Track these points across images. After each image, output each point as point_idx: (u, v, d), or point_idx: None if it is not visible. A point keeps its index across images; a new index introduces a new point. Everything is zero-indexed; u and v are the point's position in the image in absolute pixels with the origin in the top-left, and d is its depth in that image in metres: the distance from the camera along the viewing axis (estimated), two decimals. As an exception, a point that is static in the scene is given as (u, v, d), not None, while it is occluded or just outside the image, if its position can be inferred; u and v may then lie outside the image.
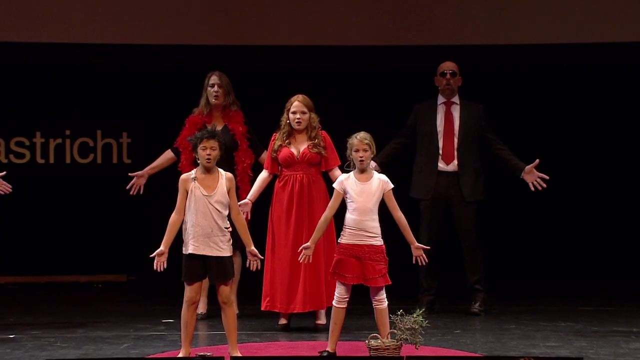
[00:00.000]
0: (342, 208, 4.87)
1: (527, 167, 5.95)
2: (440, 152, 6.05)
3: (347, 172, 4.91)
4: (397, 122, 6.30)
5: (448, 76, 6.11)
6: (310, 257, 4.84)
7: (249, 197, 5.58)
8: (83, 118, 7.68)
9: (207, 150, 4.67)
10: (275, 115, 5.68)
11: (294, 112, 5.52)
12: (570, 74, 7.65)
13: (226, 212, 4.70)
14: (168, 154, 6.03)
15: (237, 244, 4.93)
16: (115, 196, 7.13)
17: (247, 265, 4.80)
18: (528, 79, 7.72)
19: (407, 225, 4.80)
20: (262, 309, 5.54)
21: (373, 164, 5.82)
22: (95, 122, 7.68)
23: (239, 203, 5.37)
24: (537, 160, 5.92)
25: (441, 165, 6.05)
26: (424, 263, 4.83)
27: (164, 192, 5.36)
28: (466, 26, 7.28)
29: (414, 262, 4.84)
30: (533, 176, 5.94)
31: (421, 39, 7.25)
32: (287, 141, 5.53)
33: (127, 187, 6.01)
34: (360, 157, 4.79)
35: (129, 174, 6.04)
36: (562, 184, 7.19)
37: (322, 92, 6.15)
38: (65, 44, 7.24)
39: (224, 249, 4.67)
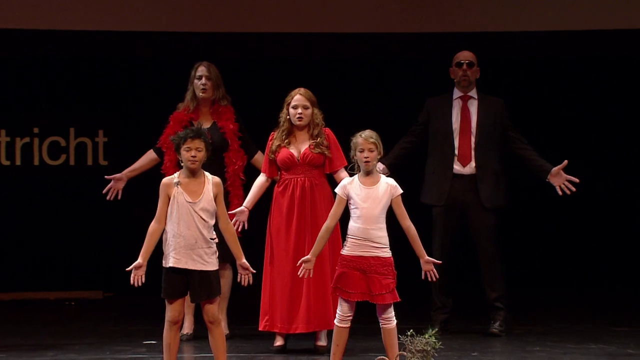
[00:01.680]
0: (346, 216, 4.90)
1: (554, 169, 5.98)
2: (456, 152, 6.07)
3: (352, 175, 4.95)
4: (407, 119, 6.34)
5: (464, 67, 6.14)
6: (311, 271, 4.88)
7: (245, 204, 5.60)
8: (53, 114, 7.71)
9: (192, 152, 4.68)
10: (270, 112, 5.73)
11: (294, 107, 5.55)
12: (599, 64, 7.67)
13: (212, 222, 4.72)
14: (150, 155, 6.05)
15: (228, 256, 4.96)
16: (90, 202, 7.18)
17: (239, 279, 4.83)
18: (550, 70, 7.74)
19: (417, 236, 4.83)
20: (260, 329, 5.55)
21: (381, 166, 5.89)
22: (67, 119, 7.71)
23: (233, 211, 5.42)
24: (566, 162, 5.93)
25: (457, 167, 6.07)
26: (434, 279, 4.86)
27: (146, 197, 5.38)
28: (482, 11, 7.32)
29: (423, 277, 4.87)
30: (561, 179, 5.96)
31: (433, 25, 7.29)
32: (286, 141, 5.56)
33: (104, 191, 6.03)
34: (366, 157, 4.82)
35: (106, 177, 6.06)
36: (592, 187, 7.21)
37: (324, 86, 6.18)
38: (33, 31, 7.22)
39: (209, 263, 4.68)
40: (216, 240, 4.74)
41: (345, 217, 4.90)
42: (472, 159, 6.05)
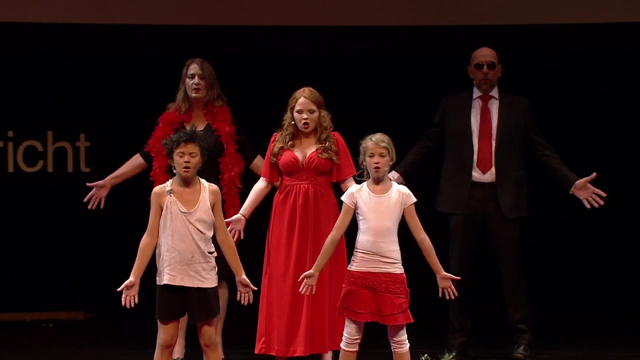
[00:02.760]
0: (354, 227, 4.95)
1: (579, 182, 6.00)
2: (475, 157, 6.10)
3: (360, 182, 4.99)
4: (422, 121, 6.37)
5: (485, 68, 6.16)
6: (314, 287, 4.91)
7: (241, 211, 5.63)
8: (29, 116, 7.70)
9: (185, 157, 4.73)
10: (271, 113, 5.76)
11: (299, 111, 5.59)
12: (631, 60, 7.68)
13: (210, 233, 4.77)
14: (136, 160, 6.09)
15: (224, 272, 5.00)
16: (71, 213, 7.20)
17: (238, 298, 4.87)
18: (578, 67, 7.71)
19: (432, 250, 4.86)
20: (256, 352, 5.56)
21: (395, 175, 5.94)
22: (45, 122, 7.70)
23: (228, 220, 5.47)
24: (594, 174, 5.96)
25: (476, 173, 6.09)
26: (452, 297, 4.89)
27: (133, 207, 5.44)
28: (504, 2, 7.35)
29: (440, 295, 4.90)
30: (587, 192, 5.98)
31: (448, 18, 7.29)
32: (290, 143, 5.62)
33: (85, 199, 6.06)
34: (376, 163, 4.86)
35: (87, 184, 6.09)
36: (623, 198, 7.25)
37: (330, 85, 6.20)
38: (2, 24, 7.21)
39: (208, 279, 4.73)
40: (215, 254, 4.80)
41: (352, 229, 4.95)
42: (492, 164, 6.08)
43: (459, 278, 4.98)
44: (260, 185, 5.69)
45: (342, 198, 4.98)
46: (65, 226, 7.59)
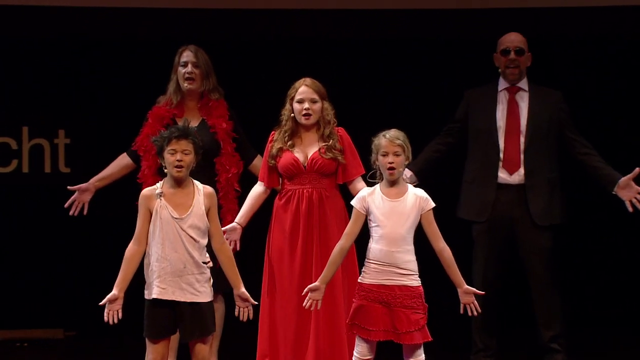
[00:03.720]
0: (364, 235, 4.99)
1: (622, 180, 6.01)
2: (501, 156, 6.13)
3: (372, 184, 5.03)
4: (442, 116, 6.39)
5: (512, 55, 6.19)
6: (319, 302, 4.96)
7: (237, 219, 5.67)
8: (1, 110, 7.63)
9: (178, 155, 4.76)
10: (273, 106, 5.76)
11: (300, 101, 5.63)
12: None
13: (204, 241, 4.81)
14: (123, 160, 6.11)
15: (220, 284, 5.04)
16: (49, 219, 7.20)
17: (236, 314, 4.91)
18: (621, 55, 7.67)
19: (453, 261, 4.90)
20: (258, 374, 5.59)
21: (408, 174, 5.96)
22: (19, 116, 7.65)
23: (223, 228, 5.49)
24: (637, 170, 5.99)
25: (502, 174, 6.13)
26: (475, 313, 4.93)
27: (119, 213, 5.45)
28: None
29: (461, 311, 4.95)
30: (631, 192, 5.99)
31: (471, 1, 7.33)
32: (289, 142, 5.64)
33: (66, 205, 6.09)
34: (390, 163, 4.90)
35: (68, 187, 6.10)
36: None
37: (336, 74, 6.25)
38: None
39: (202, 293, 4.76)
40: (210, 264, 4.83)
41: (362, 236, 4.99)
42: (521, 165, 6.11)
43: (483, 293, 5.01)
44: (257, 190, 5.72)
45: (352, 202, 5.02)
46: (42, 234, 7.53)
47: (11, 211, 7.63)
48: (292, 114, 5.64)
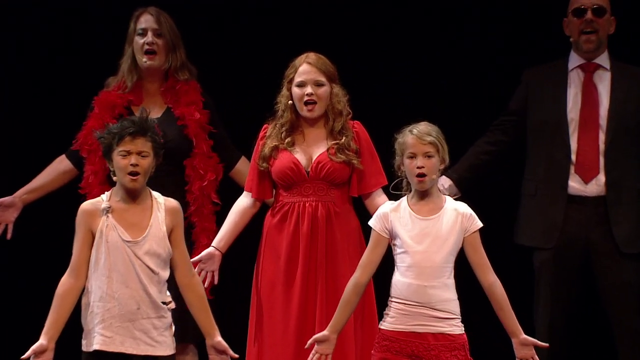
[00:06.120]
0: (387, 264, 4.98)
1: None
2: (574, 159, 6.17)
3: (397, 198, 5.05)
4: (490, 105, 6.45)
5: (589, 15, 6.22)
6: (329, 357, 4.98)
7: (215, 243, 5.69)
8: None
9: (132, 158, 4.79)
10: (265, 92, 5.77)
11: (301, 84, 5.64)
12: None
13: (166, 273, 4.84)
14: (60, 165, 6.16)
15: (188, 332, 5.15)
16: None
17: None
18: None
19: (507, 300, 4.92)
20: None
21: (446, 182, 5.96)
22: None
23: (197, 256, 5.53)
24: None
25: (574, 183, 6.16)
26: (536, 370, 4.92)
27: (57, 234, 5.45)
28: None
29: (517, 366, 4.94)
30: None
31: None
32: (288, 140, 5.65)
33: (-15, 225, 6.09)
34: (419, 168, 4.92)
35: (-11, 202, 6.11)
36: None
37: (347, 47, 6.22)
38: None
39: (161, 343, 4.79)
40: (172, 305, 4.84)
41: (384, 266, 4.99)
42: (599, 171, 6.13)
43: (547, 345, 5.01)
44: (243, 203, 5.72)
45: (370, 223, 5.03)
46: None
47: None
48: (291, 102, 5.65)
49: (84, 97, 6.13)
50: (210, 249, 5.66)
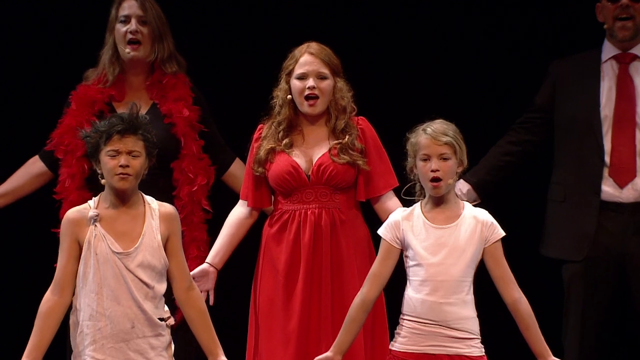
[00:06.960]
0: (398, 278, 4.98)
1: None
2: (607, 161, 6.20)
3: (409, 204, 5.07)
4: (514, 101, 6.48)
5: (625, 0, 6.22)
6: (334, 381, 4.97)
7: (210, 259, 5.75)
8: None
9: (121, 158, 4.81)
10: (261, 86, 5.81)
11: (301, 77, 5.67)
12: None
13: (162, 287, 4.87)
14: (33, 167, 6.20)
15: (189, 351, 5.22)
16: None
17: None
18: None
19: (534, 318, 4.94)
20: None
21: (464, 187, 5.98)
22: None
23: (191, 273, 5.49)
24: None
25: (609, 188, 6.21)
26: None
27: (30, 245, 5.47)
28: None
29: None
30: None
31: None
32: (286, 140, 5.68)
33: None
34: (434, 171, 4.93)
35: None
36: None
37: (354, 37, 6.22)
38: None
39: (158, 364, 4.77)
40: (171, 321, 4.89)
41: (395, 280, 5.00)
42: (637, 174, 6.17)
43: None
44: (239, 213, 5.77)
45: (380, 232, 5.05)
46: None
47: None
48: (290, 97, 5.67)
49: (59, 91, 6.12)
50: (204, 266, 5.71)
